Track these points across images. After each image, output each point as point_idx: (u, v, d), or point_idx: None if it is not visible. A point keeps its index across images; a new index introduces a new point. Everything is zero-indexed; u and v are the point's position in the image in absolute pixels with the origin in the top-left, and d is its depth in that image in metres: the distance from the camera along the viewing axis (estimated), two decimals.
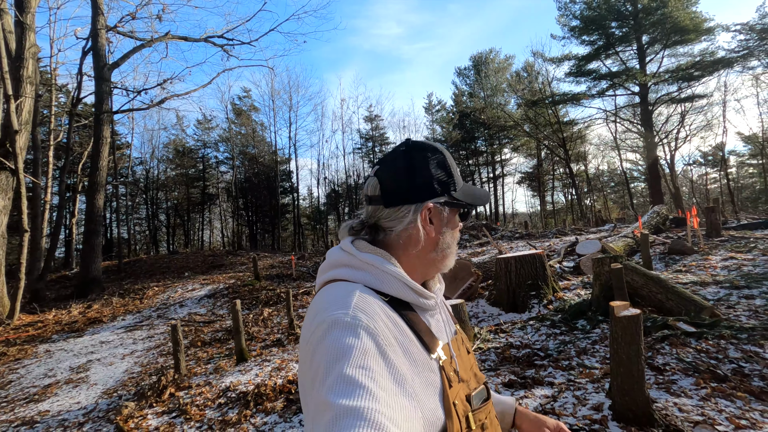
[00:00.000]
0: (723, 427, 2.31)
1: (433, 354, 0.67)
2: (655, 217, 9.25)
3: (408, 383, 0.58)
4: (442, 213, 0.75)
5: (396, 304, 0.68)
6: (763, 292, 4.32)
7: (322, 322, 0.60)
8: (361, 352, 0.55)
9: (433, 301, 0.74)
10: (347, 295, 0.64)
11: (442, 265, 0.77)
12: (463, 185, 0.79)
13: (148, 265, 15.62)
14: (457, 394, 0.67)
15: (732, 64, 21.04)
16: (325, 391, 0.51)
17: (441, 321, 0.77)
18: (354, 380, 0.51)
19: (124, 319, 8.53)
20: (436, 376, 0.66)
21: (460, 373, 0.72)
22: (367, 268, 0.70)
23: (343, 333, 0.57)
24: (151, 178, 29.98)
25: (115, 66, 13.14)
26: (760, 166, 28.86)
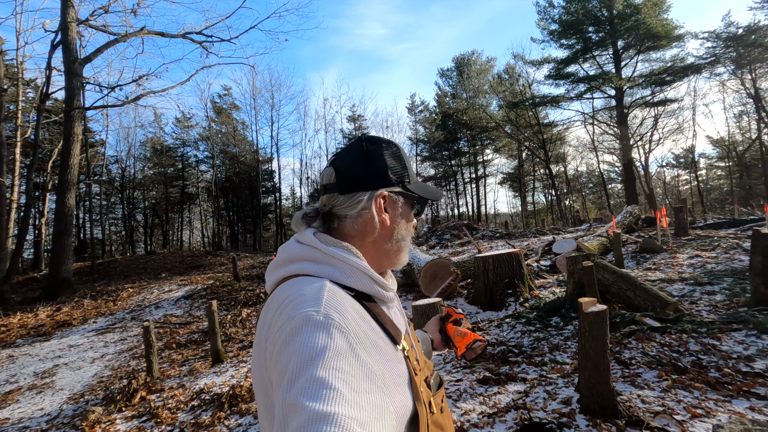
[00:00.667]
0: (680, 416, 2.40)
1: (399, 345, 0.68)
2: (628, 216, 9.55)
3: (379, 378, 0.58)
4: (397, 203, 0.76)
5: (360, 297, 0.68)
6: (723, 288, 4.52)
7: (291, 318, 0.57)
8: (334, 352, 0.53)
9: (392, 293, 0.75)
10: (316, 291, 0.61)
11: (396, 259, 0.78)
12: (417, 181, 0.80)
13: (123, 266, 15.17)
14: (421, 382, 0.69)
15: (700, 70, 21.95)
16: (296, 393, 0.49)
17: (398, 312, 0.78)
18: (327, 383, 0.50)
19: (95, 322, 8.26)
20: (403, 366, 0.67)
21: (419, 362, 0.74)
22: (333, 262, 0.68)
23: (315, 332, 0.55)
24: (128, 177, 29.11)
25: (87, 61, 12.70)
26: (727, 168, 30.15)
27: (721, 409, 2.42)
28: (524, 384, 3.19)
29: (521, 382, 3.23)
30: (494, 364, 3.69)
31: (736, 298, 4.08)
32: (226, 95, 32.10)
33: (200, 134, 31.13)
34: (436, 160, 36.03)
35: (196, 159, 32.12)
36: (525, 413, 2.76)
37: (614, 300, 4.35)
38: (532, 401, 2.91)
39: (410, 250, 7.48)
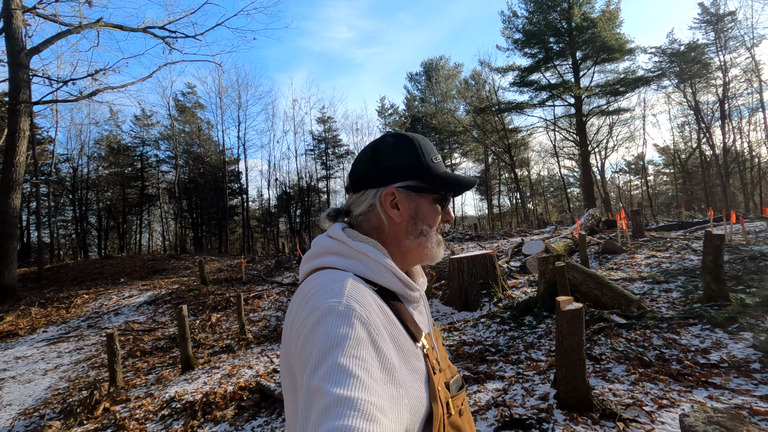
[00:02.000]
0: (649, 408, 2.57)
1: (419, 343, 0.69)
2: (591, 219, 10.08)
3: (396, 371, 0.60)
4: (410, 199, 0.76)
5: (384, 293, 0.69)
6: (678, 286, 4.87)
7: (315, 309, 0.60)
8: (355, 341, 0.56)
9: (419, 293, 0.76)
10: (340, 284, 0.64)
11: (423, 255, 0.77)
12: (441, 172, 0.78)
13: (76, 271, 14.16)
14: (439, 381, 0.70)
15: (649, 82, 23.65)
16: (319, 378, 0.52)
17: (423, 312, 0.79)
18: (348, 370, 0.52)
19: (46, 331, 7.65)
20: (422, 363, 0.68)
21: (441, 363, 0.75)
22: (358, 256, 0.70)
23: (337, 322, 0.57)
24: (80, 177, 27.23)
25: (34, 51, 11.79)
26: (672, 174, 32.55)
27: (683, 399, 2.61)
28: (503, 382, 3.29)
29: (500, 380, 3.32)
30: (473, 363, 3.77)
31: (690, 295, 4.41)
32: (190, 93, 30.83)
33: (162, 133, 29.69)
34: None
35: (157, 159, 30.61)
36: (505, 410, 2.85)
37: (583, 298, 4.58)
38: (511, 398, 3.00)
39: None
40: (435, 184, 0.76)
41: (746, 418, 2.25)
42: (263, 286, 9.60)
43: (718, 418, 2.12)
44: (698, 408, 2.36)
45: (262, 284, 9.94)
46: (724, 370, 2.87)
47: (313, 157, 32.93)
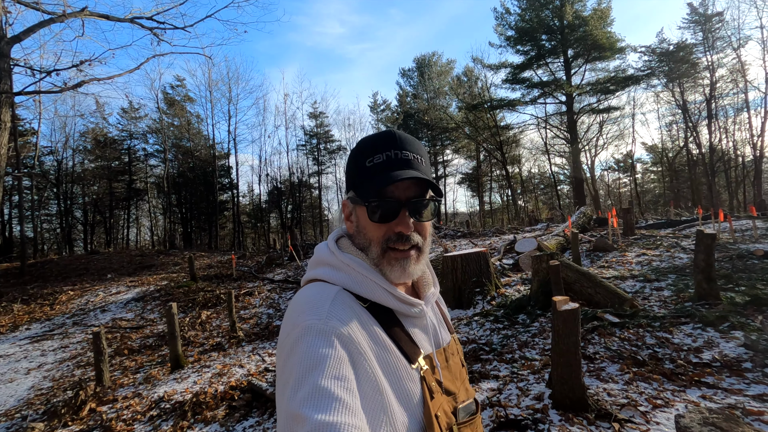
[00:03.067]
0: (644, 408, 2.58)
1: (414, 364, 0.65)
2: (582, 217, 10.16)
3: (380, 393, 0.58)
4: (354, 209, 0.73)
5: (376, 310, 0.66)
6: (669, 284, 4.92)
7: (295, 326, 0.59)
8: (336, 360, 0.54)
9: (419, 308, 0.70)
10: (324, 299, 0.62)
11: (384, 270, 0.68)
12: (368, 176, 0.68)
13: (61, 267, 13.85)
14: (440, 406, 0.65)
15: (639, 81, 23.92)
16: (298, 402, 0.51)
17: (429, 328, 0.73)
18: (328, 392, 0.51)
19: (28, 329, 7.46)
20: (416, 386, 0.64)
21: (446, 385, 0.69)
22: (346, 270, 0.68)
23: (317, 341, 0.56)
24: (64, 170, 26.58)
25: (15, 40, 11.40)
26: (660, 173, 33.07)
27: (677, 399, 2.62)
28: (497, 381, 3.28)
29: (494, 380, 3.31)
30: (467, 362, 3.76)
31: (682, 294, 4.45)
32: (179, 86, 30.26)
33: (150, 126, 29.11)
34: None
35: (145, 153, 30.03)
36: (500, 410, 2.84)
37: (576, 297, 4.59)
38: (506, 398, 2.99)
39: None
40: (363, 191, 0.68)
41: (740, 419, 2.26)
42: (254, 283, 9.49)
43: (713, 419, 2.13)
44: (693, 408, 2.37)
45: (253, 281, 9.83)
46: (716, 369, 2.89)
47: (304, 152, 32.68)
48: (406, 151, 0.68)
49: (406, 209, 0.67)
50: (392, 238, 0.67)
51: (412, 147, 0.70)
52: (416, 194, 0.68)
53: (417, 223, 0.69)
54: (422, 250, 0.70)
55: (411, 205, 0.67)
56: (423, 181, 0.68)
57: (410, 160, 0.68)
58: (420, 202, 0.68)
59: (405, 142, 0.69)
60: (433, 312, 0.79)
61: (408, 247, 0.68)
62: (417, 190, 0.68)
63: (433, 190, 0.70)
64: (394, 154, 0.67)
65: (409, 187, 0.68)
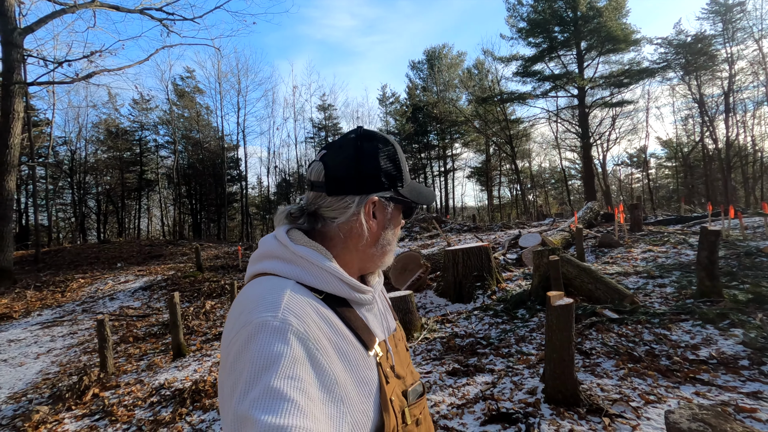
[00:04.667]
0: (635, 403, 2.55)
1: (371, 351, 0.66)
2: (589, 212, 10.02)
3: (339, 387, 0.57)
4: (387, 208, 0.72)
5: (331, 300, 0.65)
6: (672, 281, 4.84)
7: (247, 323, 0.55)
8: (291, 360, 0.52)
9: (370, 295, 0.71)
10: (277, 294, 0.59)
11: (381, 262, 0.74)
12: (411, 182, 0.76)
13: (73, 255, 14.17)
14: (393, 390, 0.67)
15: (654, 74, 23.33)
16: (248, 404, 0.47)
17: (378, 315, 0.75)
18: (281, 393, 0.48)
19: (40, 315, 7.68)
20: (373, 372, 0.64)
21: (397, 370, 0.71)
22: (300, 262, 0.65)
23: (271, 338, 0.53)
24: (78, 160, 27.06)
25: (28, 31, 11.58)
26: (674, 168, 32.37)
27: (670, 395, 2.59)
28: (492, 375, 3.27)
29: (489, 374, 3.31)
30: (463, 356, 3.76)
31: (684, 290, 4.38)
32: (189, 78, 30.49)
33: (160, 118, 29.42)
34: (405, 153, 36.07)
35: (156, 144, 30.42)
36: (493, 404, 2.84)
37: (577, 293, 4.55)
38: (500, 392, 2.99)
39: None
40: (409, 196, 0.74)
41: (731, 415, 2.23)
42: None
43: (702, 415, 2.10)
44: (684, 404, 2.34)
45: None
46: (712, 366, 2.85)
47: (313, 144, 32.75)
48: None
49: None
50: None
51: None
52: None
53: None
54: None
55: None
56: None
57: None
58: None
59: None
60: (380, 299, 0.80)
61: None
62: None
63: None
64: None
65: None
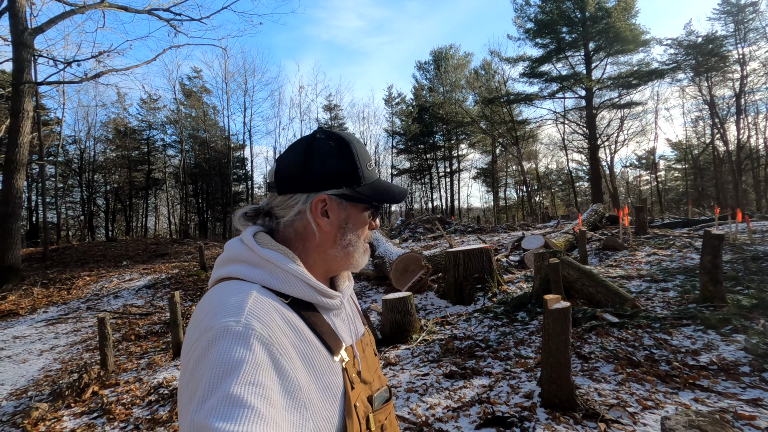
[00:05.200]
0: (633, 408, 2.51)
1: (336, 356, 0.65)
2: (594, 214, 9.92)
3: (303, 393, 0.56)
4: (341, 207, 0.70)
5: (297, 304, 0.64)
6: (675, 285, 4.77)
7: (208, 329, 0.53)
8: (253, 365, 0.50)
9: (338, 300, 0.70)
10: (240, 298, 0.58)
11: (347, 264, 0.72)
12: (375, 181, 0.73)
13: (80, 253, 14.34)
14: (359, 396, 0.66)
15: (663, 75, 23.03)
16: (206, 412, 0.45)
17: (347, 320, 0.74)
18: (241, 400, 0.46)
19: (46, 312, 7.77)
20: (339, 378, 0.64)
21: (364, 375, 0.70)
22: (266, 266, 0.64)
23: (233, 344, 0.51)
24: (87, 159, 27.43)
25: (38, 31, 11.74)
26: (684, 170, 31.94)
27: (669, 401, 2.55)
28: (489, 378, 3.24)
29: (486, 377, 3.28)
30: (461, 358, 3.73)
31: (687, 295, 4.31)
32: (196, 78, 30.74)
33: (168, 117, 29.72)
34: (411, 153, 36.12)
35: (164, 143, 30.73)
36: (488, 407, 2.81)
37: (578, 296, 4.50)
38: (496, 395, 2.96)
39: (382, 243, 7.45)
40: (368, 194, 0.70)
41: (729, 422, 2.18)
42: None
43: (699, 422, 2.06)
44: (681, 411, 2.30)
45: None
46: (712, 372, 2.79)
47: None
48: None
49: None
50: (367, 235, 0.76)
51: None
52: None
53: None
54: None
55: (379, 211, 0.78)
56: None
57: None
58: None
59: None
60: (349, 304, 0.80)
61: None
62: None
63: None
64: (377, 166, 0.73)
65: None
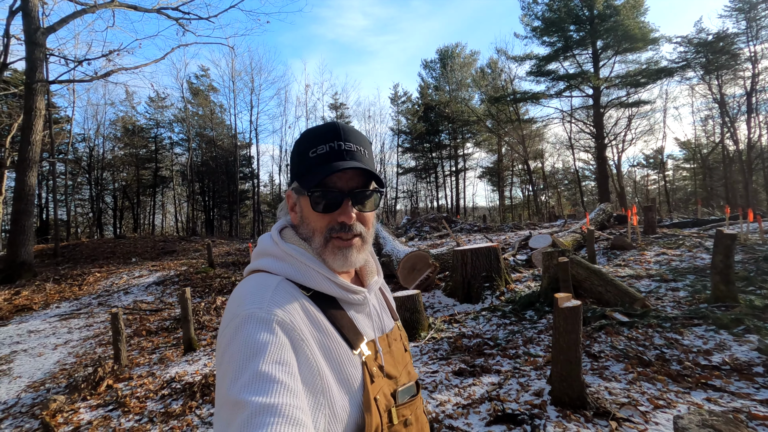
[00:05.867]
0: (644, 407, 2.52)
1: (356, 350, 0.67)
2: (601, 214, 9.87)
3: (321, 379, 0.59)
4: (298, 200, 0.73)
5: (319, 298, 0.67)
6: (686, 285, 4.74)
7: (236, 315, 0.59)
8: (277, 347, 0.55)
9: (362, 296, 0.72)
10: (265, 289, 0.63)
11: (326, 259, 0.69)
12: (309, 166, 0.70)
13: (90, 250, 14.52)
14: (381, 390, 0.67)
15: (672, 73, 22.75)
16: (239, 389, 0.50)
17: (373, 316, 0.75)
18: (270, 376, 0.51)
19: (58, 307, 7.90)
20: (357, 371, 0.65)
21: (388, 369, 0.71)
22: (289, 259, 0.69)
23: (257, 328, 0.57)
24: (96, 157, 27.73)
25: (50, 30, 11.89)
26: (692, 170, 31.59)
27: (680, 400, 2.55)
28: (498, 376, 3.26)
29: (496, 374, 3.30)
30: (470, 356, 3.75)
31: (698, 295, 4.28)
32: (203, 76, 30.94)
33: (175, 115, 29.97)
34: (417, 152, 36.09)
35: (171, 141, 30.99)
36: (498, 404, 2.83)
37: (586, 295, 4.50)
38: (506, 393, 2.97)
39: (389, 242, 7.48)
40: (306, 181, 0.69)
41: (743, 422, 2.18)
42: None
43: (712, 421, 2.06)
44: (694, 410, 2.30)
45: None
46: (725, 372, 2.79)
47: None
48: (349, 142, 0.69)
49: (350, 199, 0.69)
50: (335, 227, 0.69)
51: (356, 139, 0.71)
52: (359, 185, 0.70)
53: (360, 213, 0.71)
54: (365, 239, 0.72)
55: (354, 195, 0.69)
56: (366, 172, 0.70)
57: (353, 151, 0.69)
58: (363, 193, 0.70)
59: (349, 133, 0.70)
60: (377, 299, 0.81)
61: (351, 236, 0.69)
62: (360, 181, 0.70)
63: (376, 181, 0.72)
64: (338, 145, 0.68)
65: (353, 178, 0.69)
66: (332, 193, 0.68)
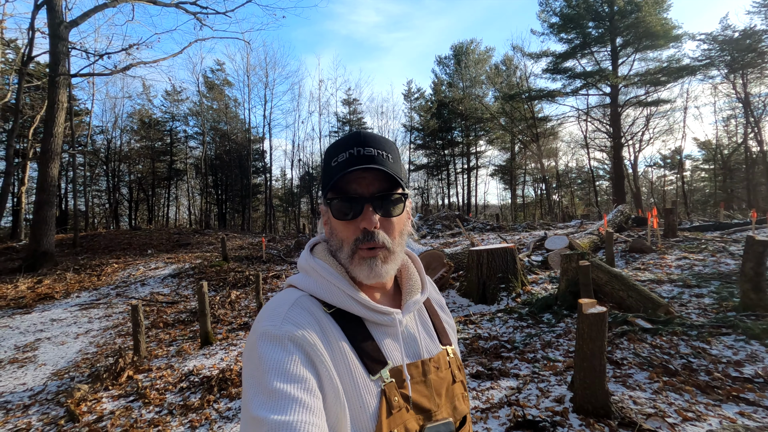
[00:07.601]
0: (672, 419, 2.45)
1: (374, 375, 0.62)
2: (619, 215, 9.67)
3: (338, 396, 0.58)
4: (328, 212, 0.71)
5: (342, 317, 0.65)
6: (711, 291, 4.61)
7: (254, 332, 0.61)
8: (290, 363, 0.56)
9: (390, 317, 0.67)
10: (283, 305, 0.63)
11: (351, 270, 0.67)
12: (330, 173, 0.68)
13: (108, 240, 14.82)
14: (403, 423, 0.61)
15: (695, 72, 22.12)
16: (256, 406, 0.52)
17: (406, 338, 0.69)
18: (284, 393, 0.52)
19: (78, 296, 8.07)
20: (374, 399, 0.60)
21: (418, 400, 0.64)
22: (314, 275, 0.69)
23: (271, 346, 0.57)
24: (113, 149, 28.23)
25: (73, 24, 12.09)
26: (712, 171, 30.78)
27: (711, 413, 2.47)
28: (517, 380, 3.22)
29: (514, 378, 3.25)
30: (487, 358, 3.71)
31: (725, 302, 4.16)
32: (218, 70, 31.19)
33: (190, 109, 30.28)
34: (429, 149, 35.89)
35: (186, 134, 31.36)
36: (518, 410, 2.79)
37: (607, 299, 4.41)
38: (525, 398, 2.93)
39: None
40: (326, 191, 0.67)
41: None
42: (282, 266, 9.77)
43: None
44: (727, 425, 2.23)
45: (282, 264, 10.12)
46: (758, 385, 2.70)
47: (336, 138, 32.93)
48: (369, 147, 0.66)
49: (370, 205, 0.65)
50: (360, 238, 0.66)
51: (378, 144, 0.68)
52: (381, 189, 0.66)
53: (384, 220, 0.66)
54: (391, 249, 0.67)
55: (375, 200, 0.65)
56: (389, 177, 0.66)
57: (373, 156, 0.66)
58: (385, 197, 0.66)
59: (370, 139, 0.67)
60: (418, 320, 0.74)
61: (375, 246, 0.66)
62: (382, 186, 0.66)
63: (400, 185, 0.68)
64: (357, 151, 0.66)
65: (373, 183, 0.66)
66: (352, 198, 0.65)
